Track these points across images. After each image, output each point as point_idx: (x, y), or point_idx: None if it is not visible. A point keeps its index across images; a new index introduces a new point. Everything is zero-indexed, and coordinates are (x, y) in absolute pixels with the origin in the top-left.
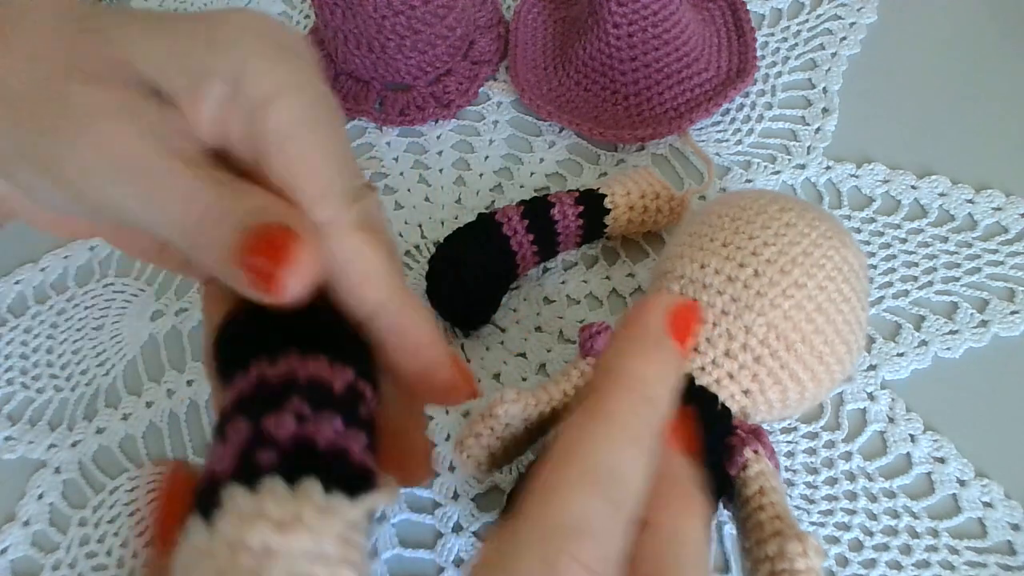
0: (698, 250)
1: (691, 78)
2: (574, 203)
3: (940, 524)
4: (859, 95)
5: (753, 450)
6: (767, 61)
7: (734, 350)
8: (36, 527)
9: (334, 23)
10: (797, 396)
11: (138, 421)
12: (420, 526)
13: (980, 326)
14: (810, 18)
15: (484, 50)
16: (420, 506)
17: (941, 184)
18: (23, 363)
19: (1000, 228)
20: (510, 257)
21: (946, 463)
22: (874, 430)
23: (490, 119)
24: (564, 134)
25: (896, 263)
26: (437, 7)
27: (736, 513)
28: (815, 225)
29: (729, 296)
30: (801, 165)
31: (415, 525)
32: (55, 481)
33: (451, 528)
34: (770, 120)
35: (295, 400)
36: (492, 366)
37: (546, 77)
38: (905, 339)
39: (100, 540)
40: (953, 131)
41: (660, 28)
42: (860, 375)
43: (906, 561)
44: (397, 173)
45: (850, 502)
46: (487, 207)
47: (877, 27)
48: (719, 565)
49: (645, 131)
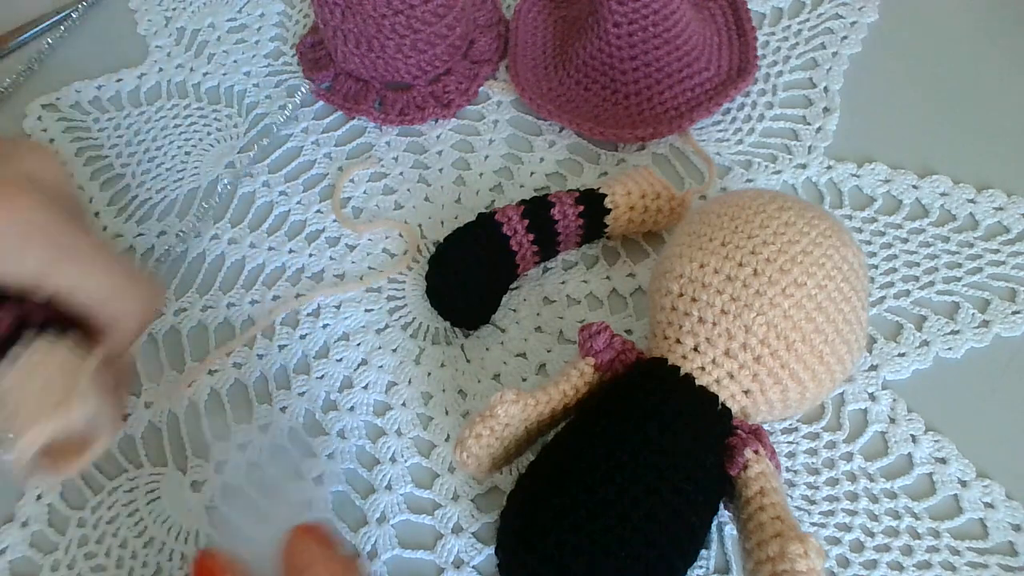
0: (697, 249)
1: (692, 77)
2: (574, 203)
3: (941, 525)
4: (860, 94)
5: (754, 450)
6: (768, 60)
7: (734, 349)
8: (34, 528)
9: (334, 22)
10: (798, 396)
11: (137, 422)
12: (420, 527)
13: (982, 326)
14: (811, 17)
15: (484, 49)
16: (420, 507)
17: (943, 184)
18: None
19: (1002, 228)
20: (510, 257)
21: (947, 464)
22: (875, 431)
23: (490, 119)
24: (564, 134)
25: (897, 263)
26: (437, 6)
27: (737, 514)
28: (814, 224)
29: (729, 295)
30: (802, 164)
31: (415, 526)
32: (54, 482)
33: (451, 529)
34: (771, 119)
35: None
36: (492, 366)
37: (546, 76)
38: (906, 339)
39: (99, 541)
40: (955, 131)
41: (661, 27)
42: (861, 375)
43: (907, 562)
44: (397, 173)
45: (851, 503)
46: (487, 207)
47: (878, 26)
48: (719, 565)
49: (645, 130)
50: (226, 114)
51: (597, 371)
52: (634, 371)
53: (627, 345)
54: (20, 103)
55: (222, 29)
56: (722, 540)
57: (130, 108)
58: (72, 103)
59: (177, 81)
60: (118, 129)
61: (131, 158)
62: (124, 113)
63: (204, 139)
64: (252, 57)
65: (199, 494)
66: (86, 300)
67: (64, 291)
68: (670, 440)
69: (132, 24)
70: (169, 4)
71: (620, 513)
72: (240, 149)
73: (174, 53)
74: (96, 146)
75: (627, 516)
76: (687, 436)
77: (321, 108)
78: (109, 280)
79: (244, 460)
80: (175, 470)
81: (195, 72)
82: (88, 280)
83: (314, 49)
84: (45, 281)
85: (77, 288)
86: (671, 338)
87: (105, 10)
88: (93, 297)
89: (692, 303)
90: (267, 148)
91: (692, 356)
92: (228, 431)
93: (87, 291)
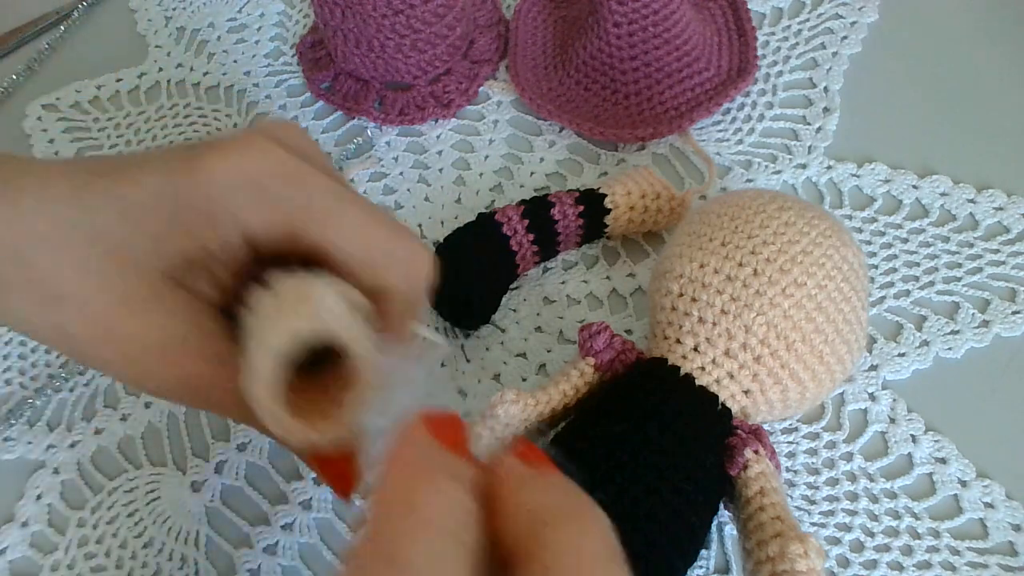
0: (697, 249)
1: (692, 77)
2: (574, 203)
3: (941, 525)
4: (860, 94)
5: (754, 450)
6: (768, 60)
7: (734, 349)
8: (35, 528)
9: (334, 22)
10: (798, 396)
11: (137, 422)
12: None
13: (982, 326)
14: (811, 17)
15: (484, 49)
16: None
17: (942, 184)
18: (22, 363)
19: (1002, 228)
20: (510, 257)
21: (947, 464)
22: (875, 431)
23: (490, 119)
24: (564, 134)
25: (897, 263)
26: (437, 6)
27: (737, 514)
28: (814, 224)
29: (728, 295)
30: (802, 164)
31: None
32: (54, 482)
33: None
34: (771, 119)
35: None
36: (492, 366)
37: (546, 76)
38: (906, 339)
39: (99, 541)
40: (955, 130)
41: (661, 27)
42: (861, 375)
43: (907, 562)
44: (397, 173)
45: (851, 503)
46: (487, 207)
47: (878, 26)
48: (719, 565)
49: (645, 130)
50: (226, 114)
51: (597, 371)
52: (634, 371)
53: (627, 345)
54: (20, 103)
55: (222, 29)
56: (722, 540)
57: (130, 108)
58: (72, 103)
59: (177, 80)
60: (118, 129)
61: None
62: (124, 113)
63: (204, 139)
64: (252, 57)
65: (199, 494)
66: (346, 259)
67: (322, 247)
68: (670, 440)
69: (132, 24)
70: (169, 4)
71: (620, 513)
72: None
73: (174, 53)
74: (96, 146)
75: (627, 516)
76: (687, 436)
77: (321, 108)
78: (371, 238)
79: (244, 460)
80: (175, 470)
81: (195, 72)
82: (348, 236)
83: (314, 49)
84: (301, 234)
85: (335, 245)
86: (671, 338)
87: (105, 10)
88: (355, 257)
89: (692, 303)
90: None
91: (692, 356)
92: (228, 431)
93: (347, 249)
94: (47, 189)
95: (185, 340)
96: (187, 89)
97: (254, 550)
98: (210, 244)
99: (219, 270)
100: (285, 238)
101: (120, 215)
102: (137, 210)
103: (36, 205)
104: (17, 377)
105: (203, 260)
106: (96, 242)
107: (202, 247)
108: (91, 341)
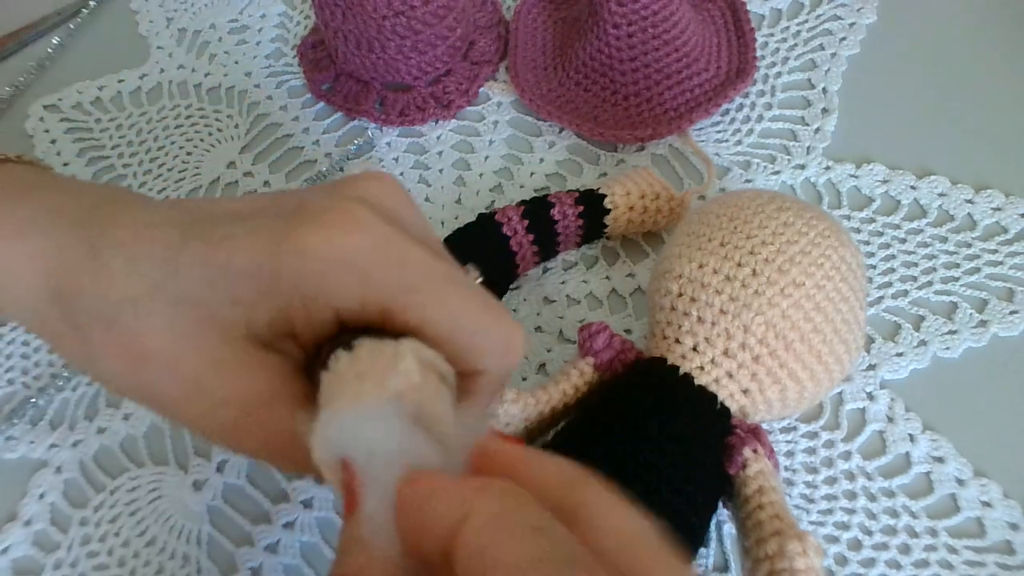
0: (696, 249)
1: (691, 78)
2: (574, 203)
3: (939, 523)
4: (859, 95)
5: (752, 449)
6: (767, 61)
7: (733, 349)
8: (37, 526)
9: (334, 23)
10: (796, 395)
11: (139, 421)
12: None
13: (979, 326)
14: (810, 18)
15: (484, 50)
16: None
17: (940, 184)
18: (24, 363)
19: (999, 228)
20: (510, 257)
21: (945, 463)
22: (873, 430)
23: (490, 119)
24: (564, 134)
25: (895, 263)
26: (437, 8)
27: (735, 512)
28: (813, 224)
29: (727, 295)
30: (801, 165)
31: None
32: (56, 481)
33: None
34: (770, 120)
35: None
36: None
37: (546, 77)
38: (904, 339)
39: (101, 539)
40: (952, 131)
41: (660, 28)
42: (859, 375)
43: (905, 560)
44: (397, 173)
45: (849, 501)
46: (487, 207)
47: (876, 27)
48: (718, 564)
49: (645, 131)
50: (227, 114)
51: (597, 371)
52: (633, 371)
53: (626, 345)
54: (22, 104)
55: (223, 30)
56: (721, 538)
57: (132, 109)
58: (74, 104)
59: (179, 82)
60: (120, 129)
61: (133, 158)
62: (126, 114)
63: (205, 139)
64: (253, 58)
65: (200, 493)
66: (441, 340)
67: (415, 324)
68: (669, 439)
69: (134, 25)
70: (171, 5)
71: None
72: (241, 149)
73: (175, 54)
74: (98, 147)
75: None
76: (686, 435)
77: (322, 109)
78: (469, 321)
79: (245, 459)
80: (177, 469)
81: (196, 73)
82: (445, 319)
83: (315, 50)
84: (395, 312)
85: (431, 327)
86: (670, 338)
87: (107, 11)
88: (451, 339)
89: (691, 303)
90: (268, 148)
91: (691, 356)
92: None
93: (443, 332)
94: (139, 245)
95: (270, 401)
96: (188, 90)
97: (255, 548)
98: (299, 319)
99: (305, 334)
100: (379, 316)
101: (211, 283)
102: (229, 279)
103: (127, 266)
104: (20, 376)
105: (291, 329)
106: (185, 304)
107: (291, 319)
108: (180, 402)
